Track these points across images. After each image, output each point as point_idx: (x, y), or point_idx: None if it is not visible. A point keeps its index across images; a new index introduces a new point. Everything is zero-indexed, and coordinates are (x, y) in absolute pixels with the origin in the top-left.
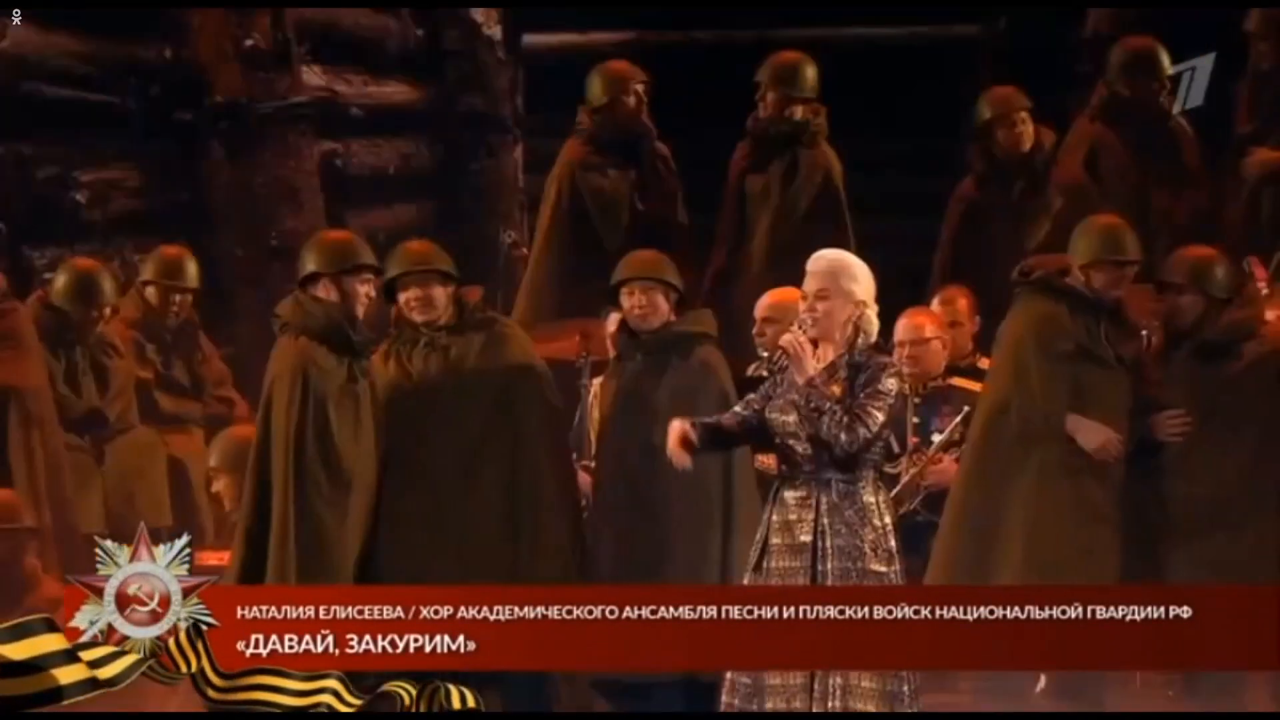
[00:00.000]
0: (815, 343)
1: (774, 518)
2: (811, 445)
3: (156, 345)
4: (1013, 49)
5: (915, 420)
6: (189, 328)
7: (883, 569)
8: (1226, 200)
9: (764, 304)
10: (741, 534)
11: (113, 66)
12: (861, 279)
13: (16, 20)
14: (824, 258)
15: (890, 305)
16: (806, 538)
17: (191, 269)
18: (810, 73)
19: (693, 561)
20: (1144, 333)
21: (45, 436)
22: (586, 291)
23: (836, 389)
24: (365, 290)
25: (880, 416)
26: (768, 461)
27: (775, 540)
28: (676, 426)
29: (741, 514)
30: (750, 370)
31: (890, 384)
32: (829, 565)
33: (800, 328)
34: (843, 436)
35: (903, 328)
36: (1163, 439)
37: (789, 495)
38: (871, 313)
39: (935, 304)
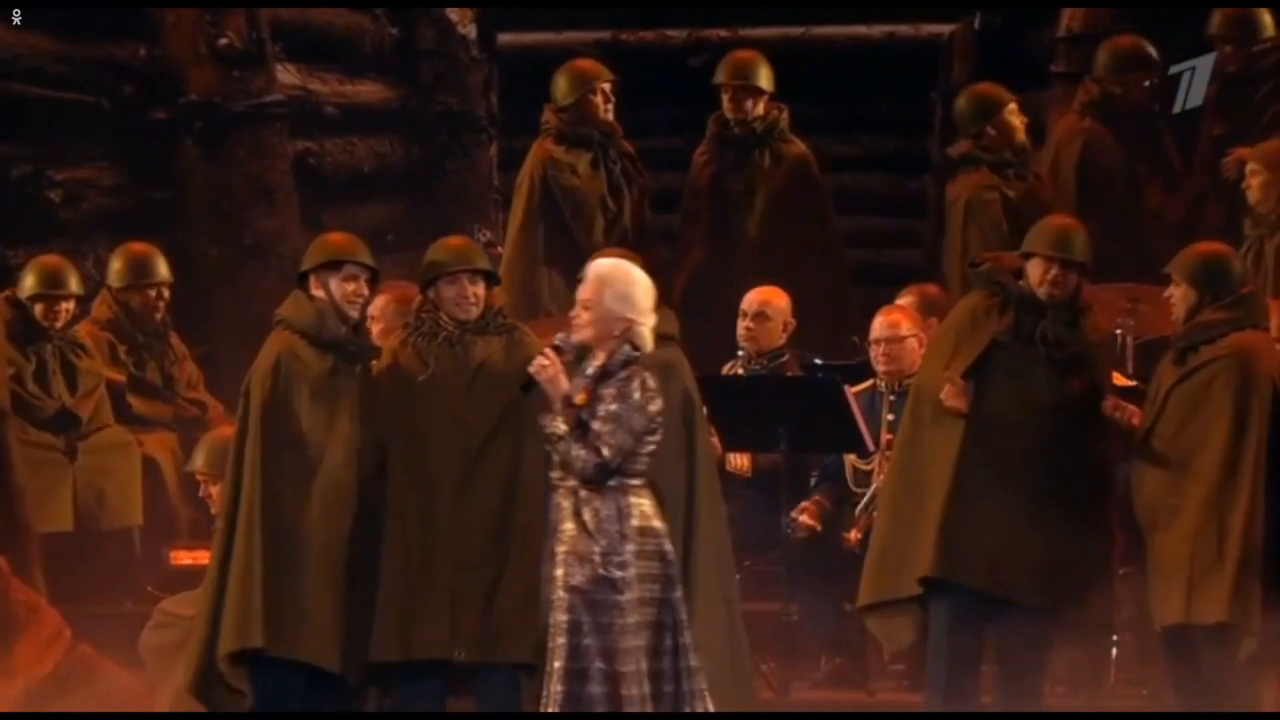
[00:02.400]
0: (561, 350)
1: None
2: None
3: (128, 346)
4: (985, 48)
5: (890, 417)
6: (161, 329)
7: (609, 574)
8: (1207, 200)
9: (753, 301)
10: (703, 538)
11: (87, 65)
12: (631, 293)
13: (17, 20)
14: (596, 267)
15: (862, 303)
16: (551, 542)
17: (161, 264)
18: (767, 70)
19: None
20: (1118, 332)
21: None
22: (560, 290)
23: (581, 398)
24: (353, 288)
25: (617, 437)
26: (740, 464)
27: (550, 543)
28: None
29: (702, 517)
30: (727, 368)
31: (635, 397)
32: (561, 571)
33: (561, 343)
34: (577, 462)
35: (879, 325)
36: (1114, 422)
37: (553, 500)
38: (644, 327)
39: (904, 300)
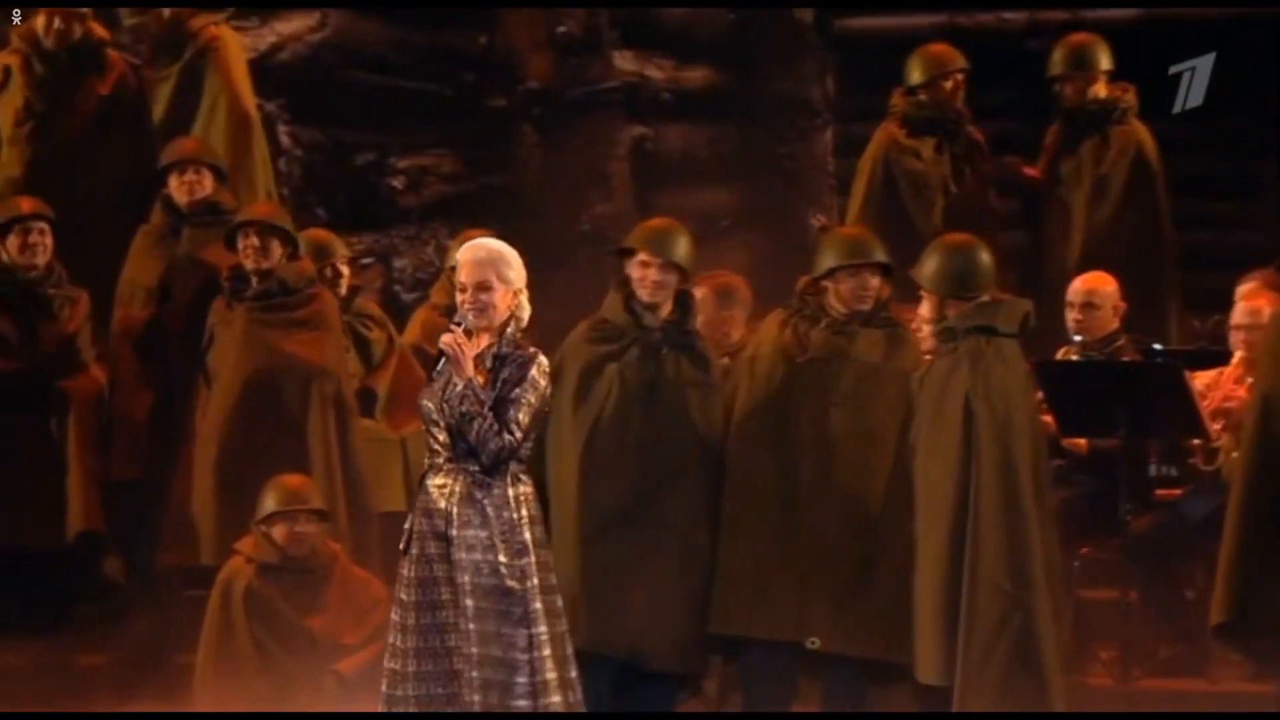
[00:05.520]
0: (469, 333)
1: (419, 503)
2: (449, 434)
3: (462, 329)
4: None
5: None
6: None
7: (512, 561)
8: None
9: (1078, 290)
10: (985, 528)
11: (428, 53)
12: (516, 266)
13: (16, 20)
14: (481, 247)
15: (1204, 287)
16: (441, 526)
17: None
18: (1105, 51)
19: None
20: None
21: (341, 419)
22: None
23: (480, 378)
24: (639, 275)
25: (524, 419)
26: (1079, 442)
27: (420, 525)
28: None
29: (984, 508)
30: (1061, 353)
31: (535, 378)
32: (460, 555)
33: (462, 321)
34: (490, 445)
35: (1241, 310)
36: None
37: (430, 482)
38: (525, 299)
39: (1246, 285)
